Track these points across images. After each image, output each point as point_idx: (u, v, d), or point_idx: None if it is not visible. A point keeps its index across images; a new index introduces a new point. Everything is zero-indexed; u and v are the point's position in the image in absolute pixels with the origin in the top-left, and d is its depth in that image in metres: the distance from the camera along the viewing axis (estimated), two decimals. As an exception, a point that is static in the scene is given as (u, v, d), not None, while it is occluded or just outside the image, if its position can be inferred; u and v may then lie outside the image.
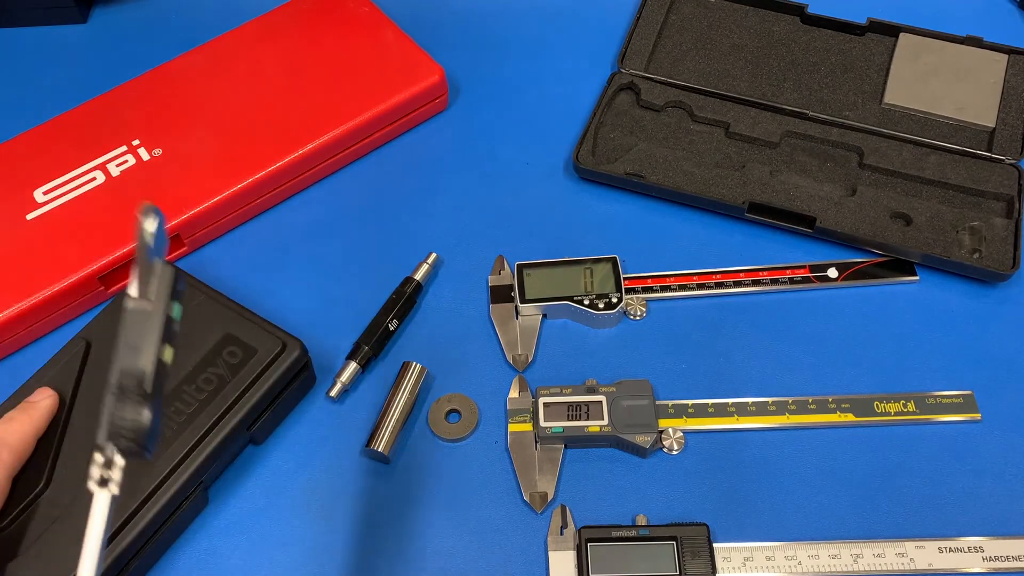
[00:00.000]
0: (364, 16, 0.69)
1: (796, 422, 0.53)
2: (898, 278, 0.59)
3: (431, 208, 0.64)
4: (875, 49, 0.68)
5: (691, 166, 0.62)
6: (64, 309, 0.58)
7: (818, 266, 0.59)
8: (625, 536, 0.48)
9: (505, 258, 0.60)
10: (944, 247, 0.58)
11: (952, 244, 0.58)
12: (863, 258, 0.60)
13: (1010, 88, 0.64)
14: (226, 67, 0.66)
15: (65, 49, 0.74)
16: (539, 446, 0.52)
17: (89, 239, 0.58)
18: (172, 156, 0.61)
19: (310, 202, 0.64)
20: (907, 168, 0.61)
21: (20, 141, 0.63)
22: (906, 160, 0.62)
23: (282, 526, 0.51)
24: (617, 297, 0.57)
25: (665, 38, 0.70)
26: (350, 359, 0.56)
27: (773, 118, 0.64)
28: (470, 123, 0.68)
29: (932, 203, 0.60)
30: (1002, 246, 0.57)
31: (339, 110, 0.63)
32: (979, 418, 0.53)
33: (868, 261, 0.59)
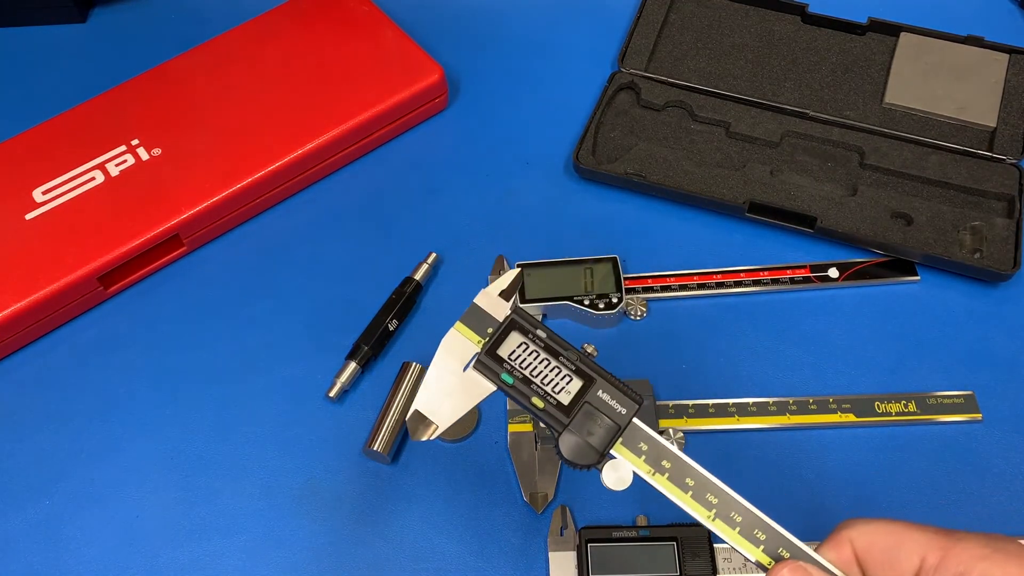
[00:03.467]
0: (364, 16, 0.69)
1: (797, 422, 0.53)
2: (899, 278, 0.59)
3: (431, 208, 0.64)
4: (876, 49, 0.68)
5: (691, 166, 0.62)
6: (63, 309, 0.58)
7: (819, 266, 0.59)
8: (625, 537, 0.48)
9: (505, 258, 0.60)
10: (945, 247, 0.58)
11: (953, 244, 0.58)
12: (864, 258, 0.59)
13: (1011, 88, 0.64)
14: (226, 67, 0.66)
15: (65, 49, 0.74)
16: (539, 446, 0.52)
17: (88, 239, 0.58)
18: (172, 156, 0.61)
19: (310, 202, 0.64)
20: (908, 168, 0.61)
21: (19, 141, 0.63)
22: (907, 160, 0.62)
23: (282, 526, 0.51)
24: (617, 297, 0.57)
25: (665, 37, 0.70)
26: (350, 359, 0.56)
27: (774, 118, 0.64)
28: (470, 123, 0.68)
29: (933, 203, 0.60)
30: (1003, 246, 0.57)
31: (339, 110, 0.63)
32: (980, 418, 0.53)
33: (869, 261, 0.59)
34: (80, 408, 0.56)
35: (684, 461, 0.37)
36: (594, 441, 0.37)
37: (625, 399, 0.38)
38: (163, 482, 0.53)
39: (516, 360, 0.38)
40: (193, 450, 0.54)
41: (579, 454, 0.37)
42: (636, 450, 0.37)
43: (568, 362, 0.38)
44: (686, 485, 0.37)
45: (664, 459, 0.37)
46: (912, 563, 0.33)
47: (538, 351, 0.38)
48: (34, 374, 0.57)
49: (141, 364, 0.57)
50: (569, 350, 0.39)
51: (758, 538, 0.36)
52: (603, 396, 0.38)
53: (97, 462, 0.54)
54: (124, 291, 0.61)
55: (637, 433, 0.38)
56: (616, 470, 0.37)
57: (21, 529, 0.52)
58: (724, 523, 0.36)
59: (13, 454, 0.54)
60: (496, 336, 0.39)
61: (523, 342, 0.39)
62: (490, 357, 0.38)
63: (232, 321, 0.59)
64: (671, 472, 0.37)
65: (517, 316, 0.39)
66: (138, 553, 0.51)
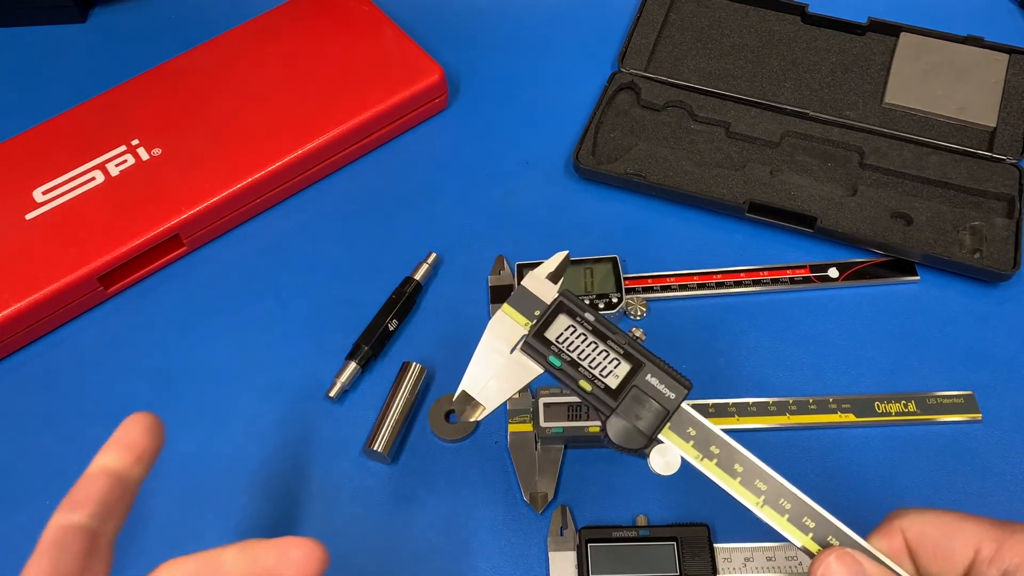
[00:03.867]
0: (364, 16, 0.69)
1: (797, 422, 0.53)
2: (899, 278, 0.59)
3: (431, 208, 0.64)
4: (876, 49, 0.68)
5: (691, 166, 0.62)
6: (63, 309, 0.58)
7: (819, 266, 0.59)
8: (625, 536, 0.48)
9: (505, 258, 0.60)
10: (945, 247, 0.58)
11: (953, 244, 0.58)
12: (864, 258, 0.59)
13: (1011, 88, 0.64)
14: (226, 67, 0.66)
15: (65, 49, 0.74)
16: (539, 446, 0.52)
17: (88, 239, 0.58)
18: (172, 156, 0.61)
19: (310, 202, 0.64)
20: (908, 168, 0.61)
21: (20, 141, 0.63)
22: (907, 160, 0.62)
23: (282, 526, 0.51)
24: (617, 297, 0.57)
25: (665, 37, 0.70)
26: (350, 359, 0.56)
27: (774, 118, 0.64)
28: (470, 123, 0.68)
29: (933, 203, 0.60)
30: (1003, 246, 0.57)
31: (339, 110, 0.63)
32: (980, 418, 0.53)
33: (869, 261, 0.59)
34: (80, 408, 0.56)
35: (733, 447, 0.37)
36: (642, 425, 0.37)
37: (674, 383, 0.37)
38: (163, 482, 0.53)
39: (564, 343, 0.38)
40: (193, 450, 0.54)
41: (627, 438, 0.37)
42: (684, 435, 0.37)
43: (616, 346, 0.38)
44: (735, 471, 0.37)
45: (713, 444, 0.37)
46: (966, 554, 0.33)
47: (586, 334, 0.38)
48: (34, 374, 0.57)
49: (141, 364, 0.57)
50: (617, 333, 0.38)
51: (807, 525, 0.36)
52: (651, 380, 0.38)
53: (97, 462, 0.54)
54: (124, 291, 0.61)
55: (685, 418, 0.37)
56: (664, 455, 0.37)
57: (21, 529, 0.52)
58: (773, 510, 0.36)
59: (13, 454, 0.54)
60: (544, 318, 0.39)
61: (571, 325, 0.38)
62: (538, 339, 0.38)
63: (232, 321, 0.59)
64: (720, 458, 0.37)
65: (565, 299, 0.39)
66: (138, 553, 0.51)
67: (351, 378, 0.55)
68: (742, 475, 0.37)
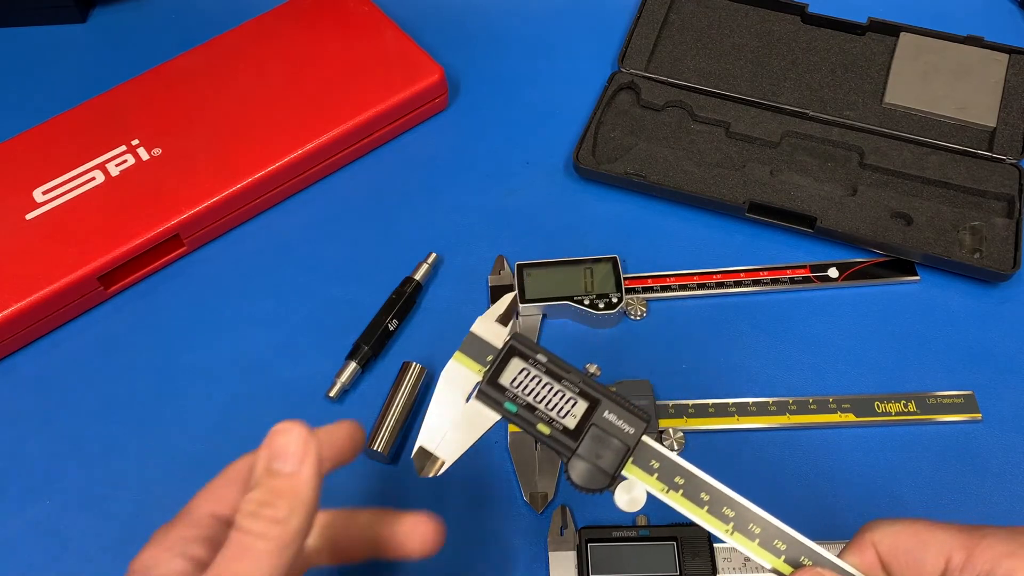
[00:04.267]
0: (364, 16, 0.69)
1: (796, 422, 0.53)
2: (899, 278, 0.59)
3: (431, 208, 0.64)
4: (876, 49, 0.68)
5: (691, 166, 0.62)
6: (63, 309, 0.58)
7: (818, 266, 0.59)
8: (625, 536, 0.48)
9: (505, 258, 0.60)
10: (945, 247, 0.58)
11: (953, 244, 0.58)
12: (864, 258, 0.59)
13: (1011, 88, 0.64)
14: (226, 67, 0.66)
15: (65, 49, 0.74)
16: (539, 446, 0.52)
17: (88, 239, 0.58)
18: (172, 156, 0.61)
19: (310, 202, 0.64)
20: (908, 168, 0.61)
21: (20, 141, 0.63)
22: (907, 160, 0.62)
23: (282, 526, 0.51)
24: (617, 297, 0.57)
25: (665, 37, 0.70)
26: (350, 359, 0.56)
27: (773, 118, 0.64)
28: (470, 123, 0.68)
29: (933, 203, 0.60)
30: (1003, 246, 0.57)
31: (339, 110, 0.63)
32: (980, 418, 0.53)
33: (869, 261, 0.59)
34: (80, 408, 0.56)
35: (698, 476, 0.37)
36: (604, 464, 0.36)
37: (633, 418, 0.37)
38: (163, 482, 0.53)
39: (518, 387, 0.38)
40: (193, 450, 0.54)
41: (590, 479, 0.36)
42: (648, 468, 0.37)
43: (572, 385, 0.37)
44: (701, 500, 0.36)
45: (677, 475, 0.37)
46: (938, 564, 0.33)
47: (540, 376, 0.38)
48: (34, 374, 0.57)
49: (141, 364, 0.57)
50: (572, 372, 0.38)
51: (778, 548, 0.36)
52: (610, 417, 0.37)
53: (97, 462, 0.54)
54: (124, 291, 0.61)
55: (647, 451, 0.37)
56: (629, 491, 0.36)
57: (21, 529, 0.52)
58: (743, 536, 0.36)
59: (13, 454, 0.54)
60: (496, 364, 0.38)
61: (524, 368, 0.38)
62: (492, 386, 0.38)
63: (232, 321, 0.59)
64: (685, 488, 0.36)
65: (516, 342, 0.38)
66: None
67: (351, 378, 0.55)
68: (709, 503, 0.36)
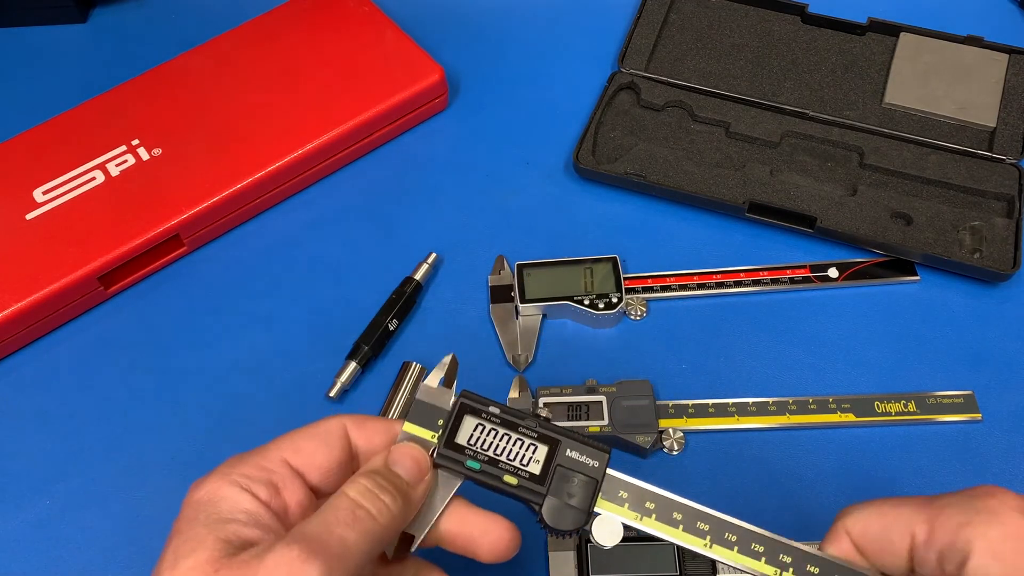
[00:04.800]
0: (364, 16, 0.69)
1: (796, 422, 0.53)
2: (898, 278, 0.59)
3: (431, 208, 0.64)
4: (876, 49, 0.68)
5: (691, 166, 0.62)
6: (64, 309, 0.58)
7: (818, 266, 0.59)
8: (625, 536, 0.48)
9: (505, 258, 0.60)
10: (945, 247, 0.58)
11: (953, 244, 0.58)
12: (863, 258, 0.60)
13: (1011, 88, 0.64)
14: (226, 67, 0.66)
15: (65, 49, 0.74)
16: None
17: (88, 239, 0.58)
18: (172, 156, 0.61)
19: (310, 202, 0.64)
20: (908, 168, 0.61)
21: (20, 141, 0.63)
22: (907, 160, 0.62)
23: (282, 526, 0.51)
24: (617, 297, 0.57)
25: (665, 38, 0.70)
26: (350, 359, 0.56)
27: (773, 118, 0.64)
28: (470, 123, 0.68)
29: (933, 203, 0.60)
30: (1003, 246, 0.57)
31: (339, 110, 0.63)
32: (980, 418, 0.53)
33: (868, 261, 0.59)
34: (80, 408, 0.56)
35: (667, 497, 0.37)
36: (576, 503, 0.36)
37: (594, 451, 0.37)
38: (163, 482, 0.53)
39: (477, 444, 0.37)
40: (193, 450, 0.54)
41: (565, 520, 0.36)
42: (618, 500, 0.37)
43: (529, 431, 0.37)
44: (675, 520, 0.36)
45: (647, 500, 0.37)
46: (904, 542, 0.33)
47: (496, 428, 0.37)
48: (34, 374, 0.57)
49: (141, 364, 0.58)
50: (527, 418, 0.37)
51: (757, 551, 0.36)
52: (572, 455, 0.37)
53: (97, 462, 0.54)
54: (124, 291, 0.61)
55: (614, 484, 0.37)
56: (605, 526, 0.36)
57: (21, 529, 0.52)
58: (721, 546, 0.36)
59: (13, 454, 0.54)
60: (450, 425, 0.37)
61: (479, 423, 0.37)
62: (450, 448, 0.37)
63: (232, 321, 0.59)
64: (657, 511, 0.36)
65: (465, 399, 0.38)
66: (138, 553, 0.51)
67: (351, 378, 0.55)
68: (683, 522, 0.36)
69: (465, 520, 0.37)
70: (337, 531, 0.32)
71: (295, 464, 0.35)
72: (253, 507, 0.33)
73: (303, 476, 0.35)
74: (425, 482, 0.36)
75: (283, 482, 0.34)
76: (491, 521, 0.37)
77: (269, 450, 0.35)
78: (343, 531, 0.32)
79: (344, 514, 0.32)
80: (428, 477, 0.36)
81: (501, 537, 0.37)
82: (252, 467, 0.34)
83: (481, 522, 0.37)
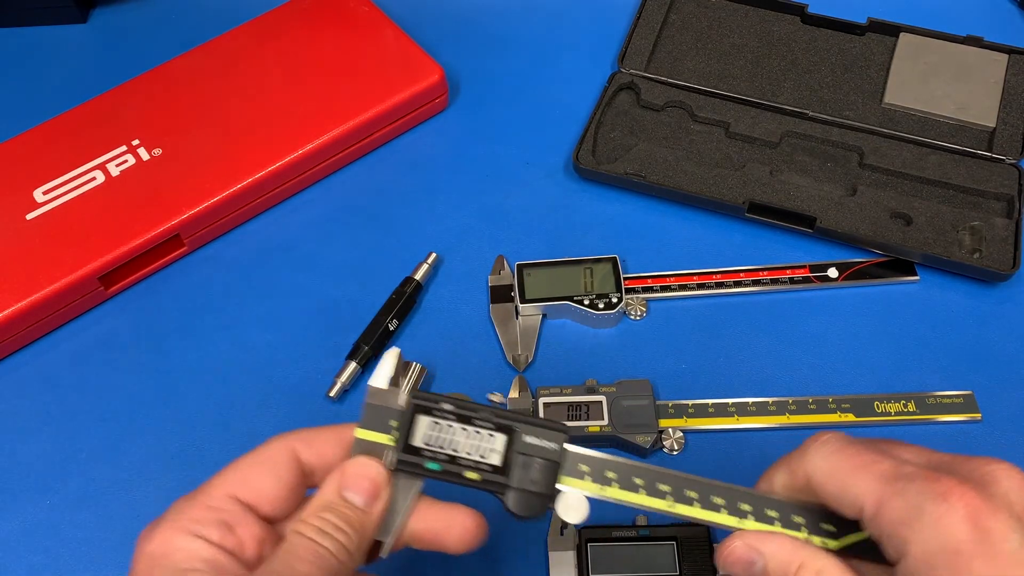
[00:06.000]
0: (364, 16, 0.69)
1: (796, 422, 0.53)
2: (898, 278, 0.59)
3: (431, 208, 0.64)
4: (875, 49, 0.68)
5: (691, 166, 0.62)
6: (64, 309, 0.58)
7: (818, 266, 0.59)
8: (625, 536, 0.48)
9: (505, 258, 0.60)
10: (944, 247, 0.58)
11: (952, 244, 0.58)
12: (863, 258, 0.60)
13: (1010, 88, 0.64)
14: (226, 67, 0.66)
15: (65, 49, 0.74)
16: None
17: (89, 239, 0.58)
18: (172, 156, 0.61)
19: (310, 202, 0.64)
20: (907, 168, 0.61)
21: (20, 141, 0.63)
22: (906, 160, 0.62)
23: (282, 526, 0.51)
24: (617, 297, 0.57)
25: (665, 38, 0.70)
26: (350, 359, 0.56)
27: (773, 118, 0.64)
28: (470, 123, 0.68)
29: (932, 203, 0.60)
30: (1002, 246, 0.57)
31: (339, 110, 0.63)
32: (979, 418, 0.53)
33: (868, 261, 0.59)
34: (80, 408, 0.56)
35: (627, 464, 0.36)
36: (539, 487, 0.36)
37: (551, 433, 0.37)
38: (163, 482, 0.53)
39: (434, 443, 0.36)
40: (193, 450, 0.54)
41: (531, 506, 0.36)
42: (579, 474, 0.36)
43: (485, 422, 0.37)
44: (636, 485, 0.36)
45: (607, 470, 0.36)
46: (854, 510, 0.32)
47: (452, 424, 0.37)
48: (34, 374, 0.57)
49: (141, 364, 0.58)
50: (481, 410, 0.37)
51: (717, 504, 0.36)
52: (530, 440, 0.36)
53: (97, 462, 0.54)
54: (124, 291, 0.61)
55: (574, 458, 0.37)
56: (568, 502, 0.36)
57: (21, 529, 0.52)
58: (683, 504, 0.36)
59: (13, 454, 0.54)
60: (405, 428, 0.37)
61: (434, 421, 0.37)
62: (407, 452, 0.36)
63: (232, 321, 0.59)
64: (618, 480, 0.36)
65: (416, 399, 0.37)
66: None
67: (351, 378, 0.55)
68: (644, 486, 0.36)
69: (428, 517, 0.36)
70: (302, 569, 0.31)
71: (244, 498, 0.34)
72: (209, 553, 0.32)
73: (255, 509, 0.34)
74: (383, 498, 0.35)
75: (234, 519, 0.33)
76: (454, 513, 0.36)
77: (214, 487, 0.34)
78: (307, 569, 0.31)
79: (306, 552, 0.32)
80: (385, 492, 0.35)
81: (466, 528, 0.36)
82: (200, 509, 0.33)
83: (444, 516, 0.36)
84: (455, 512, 0.36)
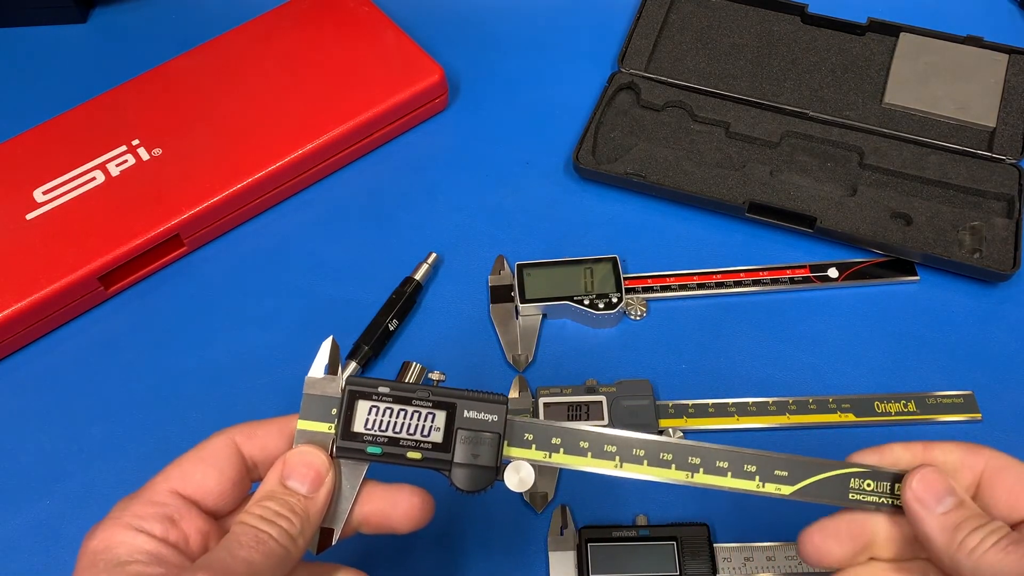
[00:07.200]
0: (364, 16, 0.69)
1: (796, 422, 0.53)
2: (898, 278, 0.59)
3: (431, 208, 0.64)
4: (875, 49, 0.68)
5: (691, 166, 0.62)
6: (64, 309, 0.58)
7: (818, 266, 0.59)
8: (625, 536, 0.48)
9: (505, 258, 0.60)
10: (944, 247, 0.58)
11: (952, 244, 0.58)
12: (863, 258, 0.60)
13: (1010, 88, 0.64)
14: (226, 67, 0.66)
15: (65, 49, 0.74)
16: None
17: (88, 239, 0.58)
18: (172, 156, 0.61)
19: (310, 202, 0.64)
20: (907, 168, 0.61)
21: (20, 141, 0.63)
22: (906, 160, 0.62)
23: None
24: (617, 297, 0.57)
25: (665, 38, 0.70)
26: (350, 359, 0.56)
27: (773, 118, 0.64)
28: (470, 123, 0.68)
29: (932, 203, 0.60)
30: (1002, 246, 0.57)
31: (339, 110, 0.63)
32: (980, 418, 0.53)
33: (868, 261, 0.59)
34: (80, 408, 0.56)
35: (572, 428, 0.37)
36: (484, 460, 0.36)
37: (490, 406, 0.37)
38: (163, 482, 0.53)
39: (374, 427, 0.37)
40: (193, 450, 0.54)
41: (476, 480, 0.36)
42: (525, 443, 0.37)
43: (423, 401, 0.37)
44: (582, 449, 0.36)
45: (553, 437, 0.37)
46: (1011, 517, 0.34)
47: (391, 407, 0.37)
48: (34, 374, 0.58)
49: (141, 364, 0.58)
50: (419, 389, 0.37)
51: (666, 460, 0.36)
52: (470, 414, 0.37)
53: (97, 462, 0.54)
54: (124, 291, 0.61)
55: (518, 428, 0.37)
56: (516, 472, 0.36)
57: (21, 529, 0.52)
58: (631, 463, 0.36)
59: (13, 454, 0.54)
60: (343, 415, 0.37)
61: (372, 406, 0.37)
62: (347, 439, 0.37)
63: (232, 321, 0.59)
64: (564, 445, 0.37)
65: (352, 385, 0.37)
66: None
67: (351, 378, 0.55)
68: (590, 449, 0.36)
69: (373, 499, 0.37)
70: (242, 554, 0.32)
71: (186, 493, 0.35)
72: (151, 546, 0.32)
73: (198, 504, 0.35)
74: (327, 484, 0.35)
75: (178, 513, 0.34)
76: (398, 493, 0.37)
77: (157, 484, 0.35)
78: (248, 554, 0.32)
79: (247, 539, 0.32)
80: (329, 478, 0.36)
81: (412, 505, 0.37)
82: (142, 505, 0.34)
83: (389, 496, 0.37)
84: (399, 492, 0.37)
